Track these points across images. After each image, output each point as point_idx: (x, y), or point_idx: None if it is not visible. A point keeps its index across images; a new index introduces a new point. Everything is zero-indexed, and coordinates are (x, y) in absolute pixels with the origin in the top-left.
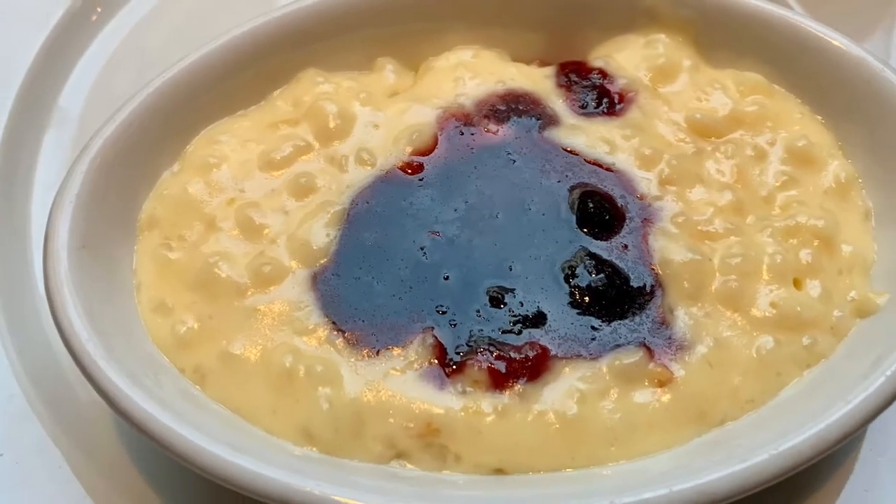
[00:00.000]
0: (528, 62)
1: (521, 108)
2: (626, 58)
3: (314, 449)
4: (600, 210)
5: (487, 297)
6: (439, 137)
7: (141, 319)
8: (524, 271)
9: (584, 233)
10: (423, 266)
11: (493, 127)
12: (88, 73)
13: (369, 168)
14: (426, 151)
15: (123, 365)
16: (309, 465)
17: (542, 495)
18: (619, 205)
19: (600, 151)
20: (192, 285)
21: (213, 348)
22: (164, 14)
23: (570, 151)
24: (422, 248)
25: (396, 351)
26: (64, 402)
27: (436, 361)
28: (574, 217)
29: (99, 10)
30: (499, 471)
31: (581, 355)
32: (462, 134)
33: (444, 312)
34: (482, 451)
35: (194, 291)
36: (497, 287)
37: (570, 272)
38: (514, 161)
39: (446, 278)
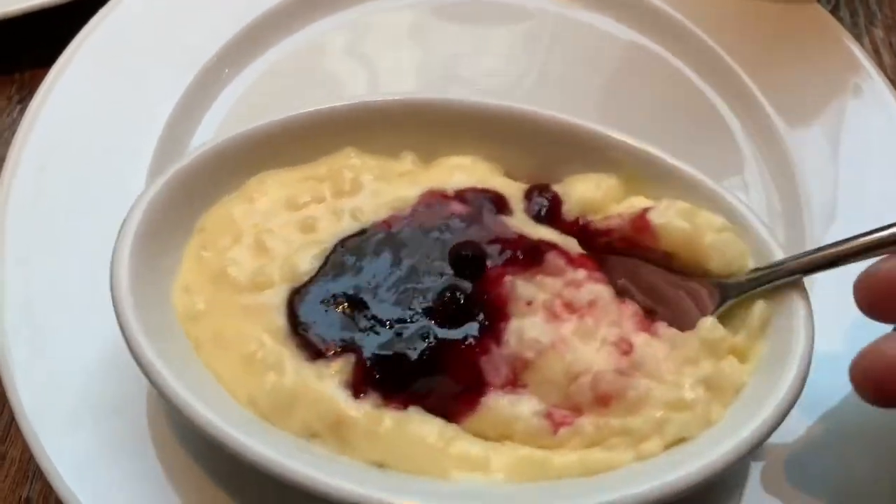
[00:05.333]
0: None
1: (488, 198)
2: (581, 187)
3: (254, 412)
4: None
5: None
6: (416, 207)
7: (172, 294)
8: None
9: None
10: (365, 302)
11: (459, 206)
12: (213, 122)
13: (357, 223)
14: (401, 217)
15: (147, 322)
16: (246, 423)
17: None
18: None
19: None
20: (210, 278)
21: (209, 326)
22: (269, 82)
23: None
24: (367, 288)
25: (329, 361)
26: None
27: (353, 377)
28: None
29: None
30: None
31: None
32: (432, 206)
33: (370, 335)
34: (371, 449)
35: (210, 283)
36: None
37: None
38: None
39: (374, 316)
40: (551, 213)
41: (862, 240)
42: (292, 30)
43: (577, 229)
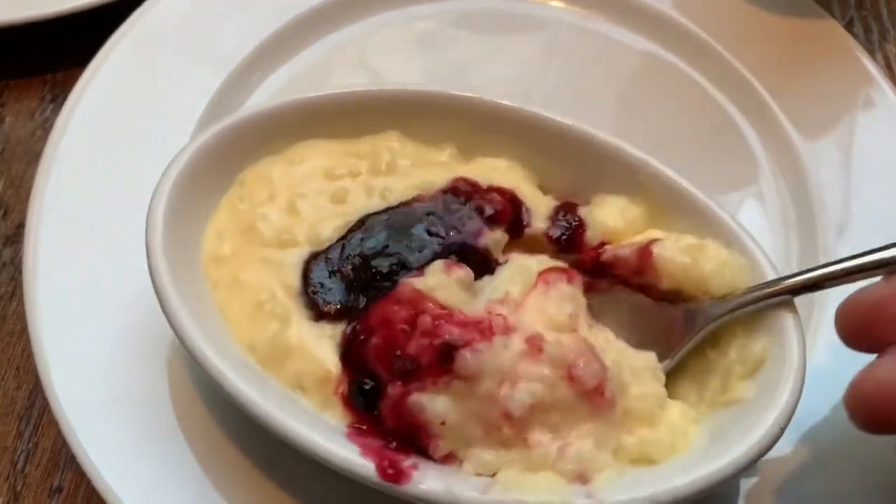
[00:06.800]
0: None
1: (515, 204)
2: (606, 213)
3: (253, 358)
4: None
5: None
6: (442, 190)
7: (204, 236)
8: None
9: None
10: (375, 273)
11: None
12: None
13: (384, 201)
14: (426, 197)
15: (173, 258)
16: (243, 366)
17: None
18: None
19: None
20: (241, 228)
21: (229, 270)
22: (295, 87)
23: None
24: (377, 261)
25: (330, 323)
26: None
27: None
28: None
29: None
30: None
31: None
32: (459, 192)
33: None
34: None
35: (240, 233)
36: None
37: None
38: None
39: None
40: (572, 240)
41: (845, 265)
42: (319, 36)
43: (592, 258)
